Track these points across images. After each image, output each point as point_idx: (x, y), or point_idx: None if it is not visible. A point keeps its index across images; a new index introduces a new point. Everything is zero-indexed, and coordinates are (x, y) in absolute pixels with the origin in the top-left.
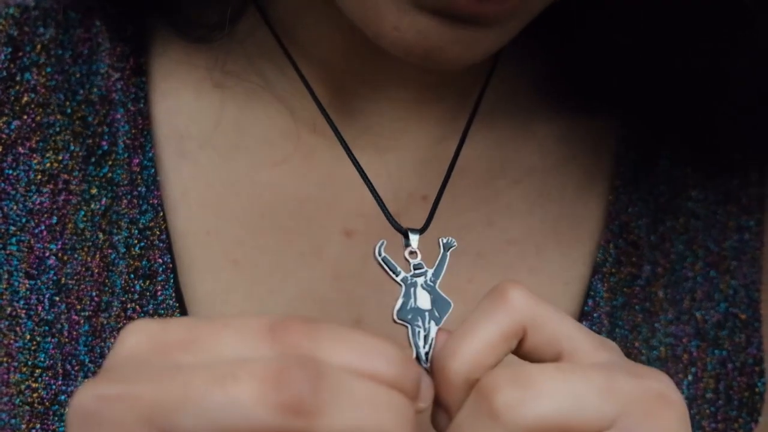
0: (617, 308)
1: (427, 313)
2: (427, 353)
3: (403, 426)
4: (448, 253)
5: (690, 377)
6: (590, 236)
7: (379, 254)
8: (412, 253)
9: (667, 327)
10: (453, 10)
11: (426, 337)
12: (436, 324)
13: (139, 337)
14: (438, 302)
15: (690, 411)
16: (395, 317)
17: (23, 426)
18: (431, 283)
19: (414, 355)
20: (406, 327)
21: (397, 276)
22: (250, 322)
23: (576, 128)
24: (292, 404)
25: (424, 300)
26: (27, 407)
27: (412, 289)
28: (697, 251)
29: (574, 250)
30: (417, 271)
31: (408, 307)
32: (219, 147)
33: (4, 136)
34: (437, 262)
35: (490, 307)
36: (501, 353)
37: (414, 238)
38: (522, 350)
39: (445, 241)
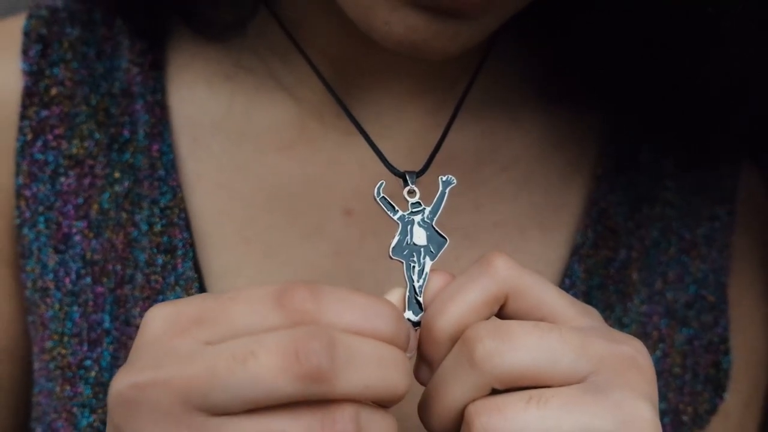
0: (593, 288)
1: (422, 249)
2: (420, 286)
3: (405, 377)
4: (447, 191)
5: (658, 352)
6: (571, 221)
7: (378, 194)
8: (410, 192)
9: (640, 307)
10: (436, 5)
11: (421, 272)
12: (431, 259)
13: (157, 322)
14: (434, 238)
15: (657, 384)
16: (390, 254)
17: (57, 389)
18: (428, 221)
19: (408, 288)
20: (402, 263)
21: (394, 215)
22: (256, 293)
23: (561, 121)
24: (311, 373)
25: (420, 236)
26: (59, 371)
27: (408, 227)
28: (670, 238)
29: (556, 233)
30: (414, 210)
31: (404, 244)
32: (230, 134)
33: (34, 123)
34: (435, 199)
35: (476, 274)
36: (483, 316)
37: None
38: (504, 314)
39: (444, 179)
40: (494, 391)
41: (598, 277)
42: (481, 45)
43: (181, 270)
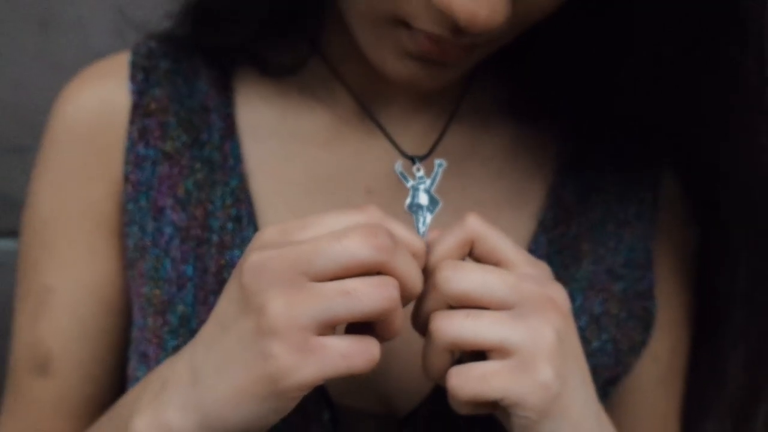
0: (553, 253)
1: (424, 207)
2: (424, 232)
3: (421, 282)
4: (440, 170)
5: (601, 299)
6: (535, 204)
7: (397, 169)
8: (417, 169)
9: (588, 267)
10: (427, 57)
11: (423, 222)
12: (431, 214)
13: (270, 231)
14: (432, 201)
15: (601, 321)
16: (405, 209)
17: (150, 321)
18: (428, 189)
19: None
20: (412, 215)
21: (407, 184)
22: (344, 211)
23: (525, 130)
24: (382, 246)
25: (423, 199)
26: (152, 308)
27: (416, 192)
28: (610, 217)
29: (524, 212)
30: (420, 181)
31: (413, 204)
32: (282, 135)
33: (139, 128)
34: (433, 175)
35: (455, 227)
36: (457, 255)
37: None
38: (473, 256)
39: (438, 162)
40: (453, 308)
41: (556, 245)
42: (466, 76)
43: (245, 234)
